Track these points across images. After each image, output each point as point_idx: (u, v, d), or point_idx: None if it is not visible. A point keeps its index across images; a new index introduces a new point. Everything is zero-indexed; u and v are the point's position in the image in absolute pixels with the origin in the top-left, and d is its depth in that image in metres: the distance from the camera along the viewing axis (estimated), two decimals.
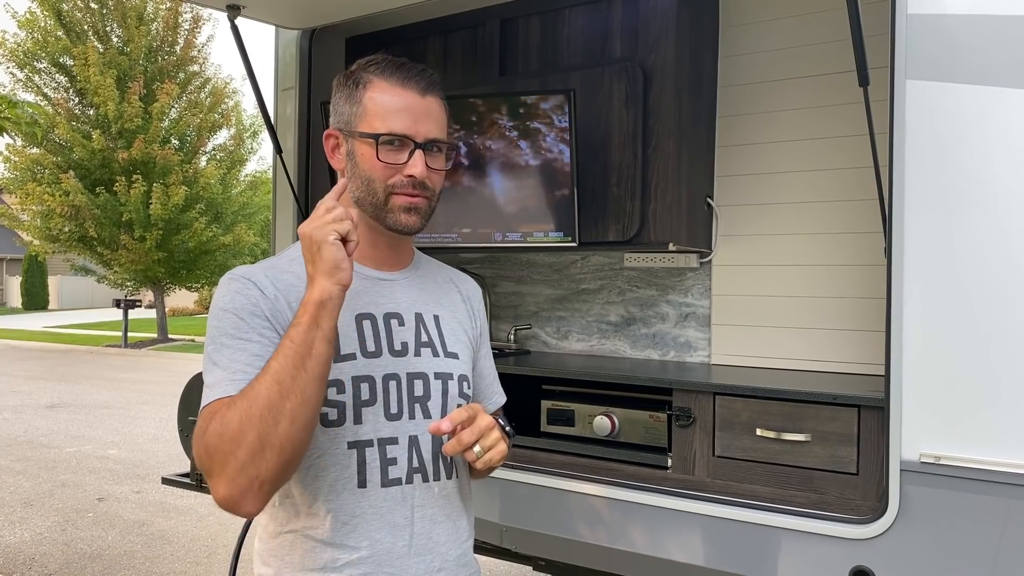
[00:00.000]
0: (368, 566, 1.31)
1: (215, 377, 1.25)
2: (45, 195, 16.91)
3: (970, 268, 1.78)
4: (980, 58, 1.80)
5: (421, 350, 1.41)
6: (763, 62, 2.79)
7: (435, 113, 1.39)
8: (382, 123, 1.35)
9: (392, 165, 1.35)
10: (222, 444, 1.17)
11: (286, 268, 1.37)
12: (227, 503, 1.19)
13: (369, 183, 1.37)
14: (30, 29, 17.86)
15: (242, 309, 1.29)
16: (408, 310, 1.43)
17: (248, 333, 1.27)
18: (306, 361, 1.19)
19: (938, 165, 1.82)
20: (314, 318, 1.21)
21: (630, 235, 2.77)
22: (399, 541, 1.34)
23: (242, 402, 1.18)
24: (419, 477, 1.37)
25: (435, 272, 1.56)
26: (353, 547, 1.31)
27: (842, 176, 2.64)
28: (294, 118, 3.26)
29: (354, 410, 1.32)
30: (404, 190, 1.36)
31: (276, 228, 3.31)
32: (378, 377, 1.35)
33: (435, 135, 1.38)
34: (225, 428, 1.17)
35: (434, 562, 1.37)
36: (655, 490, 2.25)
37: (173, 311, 27.31)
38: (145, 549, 5.09)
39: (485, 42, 3.17)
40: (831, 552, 1.96)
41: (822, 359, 2.66)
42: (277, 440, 1.17)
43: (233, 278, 1.33)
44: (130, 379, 13.21)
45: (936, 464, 1.80)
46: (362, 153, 1.37)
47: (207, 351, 1.29)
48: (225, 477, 1.18)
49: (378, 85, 1.37)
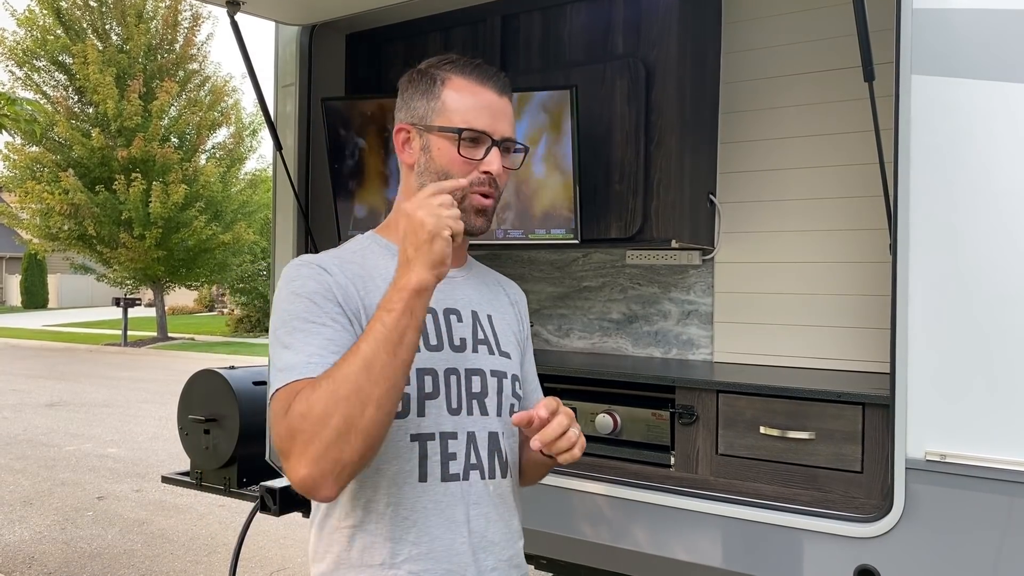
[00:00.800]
0: (427, 562, 1.31)
1: (289, 360, 1.24)
2: (44, 193, 16.91)
3: (975, 265, 1.77)
4: (986, 53, 1.79)
5: (478, 347, 1.42)
6: (766, 58, 2.78)
7: (509, 113, 1.43)
8: (462, 119, 1.36)
9: (470, 160, 1.37)
10: (306, 425, 1.16)
11: (350, 259, 1.38)
12: (306, 485, 1.18)
13: (444, 178, 1.37)
14: (29, 27, 17.86)
15: (315, 293, 1.29)
16: (465, 307, 1.44)
17: (321, 317, 1.27)
18: (397, 348, 1.18)
19: (943, 161, 1.81)
20: (408, 305, 1.19)
21: (632, 232, 2.75)
22: (457, 538, 1.34)
23: (328, 384, 1.17)
24: (476, 474, 1.37)
25: (485, 274, 1.58)
26: (413, 542, 1.31)
27: (846, 172, 2.62)
28: (294, 115, 3.24)
29: (418, 402, 1.32)
30: (480, 188, 1.37)
31: (276, 226, 3.30)
32: (440, 371, 1.35)
33: (510, 134, 1.41)
34: (310, 409, 1.16)
35: (487, 560, 1.37)
36: (658, 488, 2.24)
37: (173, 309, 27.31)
38: (145, 548, 5.08)
39: (486, 38, 3.15)
40: (835, 551, 1.95)
41: (826, 356, 2.65)
42: (363, 424, 1.16)
43: (303, 263, 1.33)
44: (130, 378, 13.21)
45: (941, 462, 1.79)
46: (439, 147, 1.38)
47: (277, 334, 1.29)
48: (307, 458, 1.16)
49: (457, 82, 1.39)
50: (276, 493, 3.27)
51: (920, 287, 1.82)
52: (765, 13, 2.79)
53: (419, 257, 1.20)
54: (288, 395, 1.20)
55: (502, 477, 1.41)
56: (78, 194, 16.76)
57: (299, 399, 1.18)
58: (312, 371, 1.21)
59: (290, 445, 1.17)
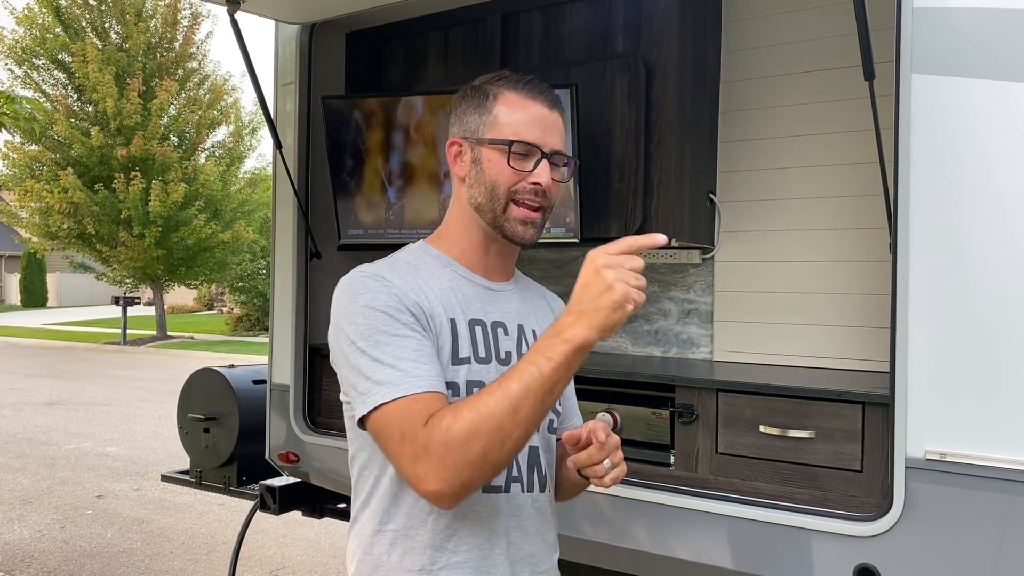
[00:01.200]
0: (465, 571, 1.33)
1: (384, 375, 1.26)
2: (44, 192, 16.90)
3: (975, 264, 1.77)
4: (986, 52, 1.79)
5: None
6: (766, 57, 2.78)
7: (560, 128, 1.45)
8: (513, 132, 1.39)
9: (519, 171, 1.39)
10: (442, 451, 1.19)
11: (404, 270, 1.39)
12: (431, 496, 1.22)
13: (493, 189, 1.39)
14: (28, 25, 17.84)
15: (389, 306, 1.30)
16: (512, 321, 1.46)
17: (402, 329, 1.29)
18: (546, 397, 1.20)
19: (944, 160, 1.81)
20: (568, 360, 1.19)
21: (632, 231, 2.75)
22: (496, 549, 1.36)
23: (469, 414, 1.19)
24: (517, 487, 1.39)
25: (531, 288, 1.60)
26: (452, 550, 1.33)
27: (846, 171, 2.62)
28: (294, 114, 3.24)
29: None
30: (526, 198, 1.39)
31: (276, 225, 3.30)
32: (487, 383, 1.34)
33: (559, 147, 1.43)
34: (449, 437, 1.19)
35: (523, 573, 1.39)
36: (658, 487, 2.24)
37: (172, 308, 27.31)
38: (144, 546, 5.09)
39: (486, 37, 3.15)
40: (835, 549, 1.95)
41: (826, 355, 2.65)
42: (498, 459, 1.21)
43: (368, 276, 1.35)
44: (129, 376, 13.20)
45: (941, 461, 1.79)
46: (489, 159, 1.40)
47: (359, 346, 1.29)
48: (439, 476, 1.20)
49: (508, 97, 1.42)
50: (276, 492, 3.27)
51: (920, 286, 1.83)
52: (765, 12, 2.79)
53: (594, 317, 1.18)
54: (406, 411, 1.23)
55: (540, 491, 1.44)
56: (77, 193, 16.75)
57: (438, 425, 1.20)
58: (416, 386, 1.24)
59: (425, 459, 1.20)
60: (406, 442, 1.22)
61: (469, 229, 1.45)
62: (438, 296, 1.37)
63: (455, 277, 1.43)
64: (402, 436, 1.23)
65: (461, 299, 1.40)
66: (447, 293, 1.39)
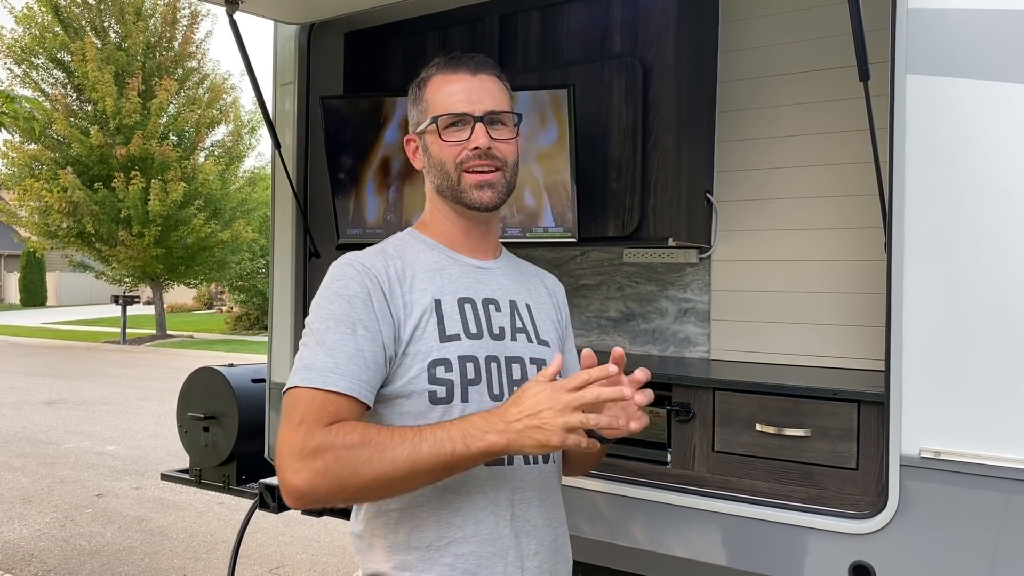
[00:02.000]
0: (473, 545, 1.35)
1: (317, 361, 1.29)
2: (43, 191, 16.89)
3: (970, 263, 1.78)
4: (981, 53, 1.79)
5: (517, 335, 1.46)
6: (763, 57, 2.79)
7: (490, 88, 1.46)
8: (442, 108, 1.44)
9: (457, 142, 1.42)
10: (330, 465, 1.22)
11: (393, 254, 1.44)
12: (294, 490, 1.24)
13: (442, 167, 1.44)
14: (28, 24, 17.82)
15: (355, 297, 1.34)
16: (503, 297, 1.48)
17: (356, 326, 1.32)
18: (446, 473, 1.26)
19: (938, 160, 1.82)
20: (483, 456, 1.25)
21: (629, 230, 2.76)
22: (501, 521, 1.37)
23: (373, 450, 1.23)
24: (520, 459, 1.40)
25: (522, 265, 1.63)
26: (459, 525, 1.35)
27: (842, 171, 2.63)
28: (293, 114, 3.25)
29: (461, 388, 1.36)
30: (474, 164, 1.42)
31: (275, 224, 3.31)
32: (481, 358, 1.39)
33: (492, 107, 1.44)
34: (341, 459, 1.22)
35: (530, 545, 1.40)
36: (655, 485, 2.25)
37: (172, 307, 27.30)
38: (144, 545, 5.10)
39: (484, 37, 3.16)
40: (831, 547, 1.96)
41: (822, 354, 2.66)
42: (367, 496, 1.31)
43: (349, 263, 1.38)
44: (129, 375, 13.21)
45: (936, 459, 1.80)
46: (431, 143, 1.46)
47: (312, 327, 1.34)
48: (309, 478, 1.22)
49: (433, 80, 1.47)
50: (275, 490, 3.28)
51: (915, 285, 1.83)
52: (762, 12, 2.80)
53: (520, 439, 1.22)
54: (318, 405, 1.26)
55: (544, 462, 1.45)
56: (77, 192, 16.74)
57: (345, 437, 1.23)
58: (334, 383, 1.27)
59: (309, 459, 1.22)
60: (300, 432, 1.24)
61: (443, 214, 1.49)
62: (424, 278, 1.41)
63: (442, 258, 1.46)
64: (301, 423, 1.25)
65: (449, 279, 1.43)
66: (433, 275, 1.42)
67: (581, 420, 1.21)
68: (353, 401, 1.28)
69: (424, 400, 1.34)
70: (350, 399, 1.28)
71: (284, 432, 1.26)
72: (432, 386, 1.34)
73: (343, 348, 1.30)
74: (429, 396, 1.34)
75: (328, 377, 1.27)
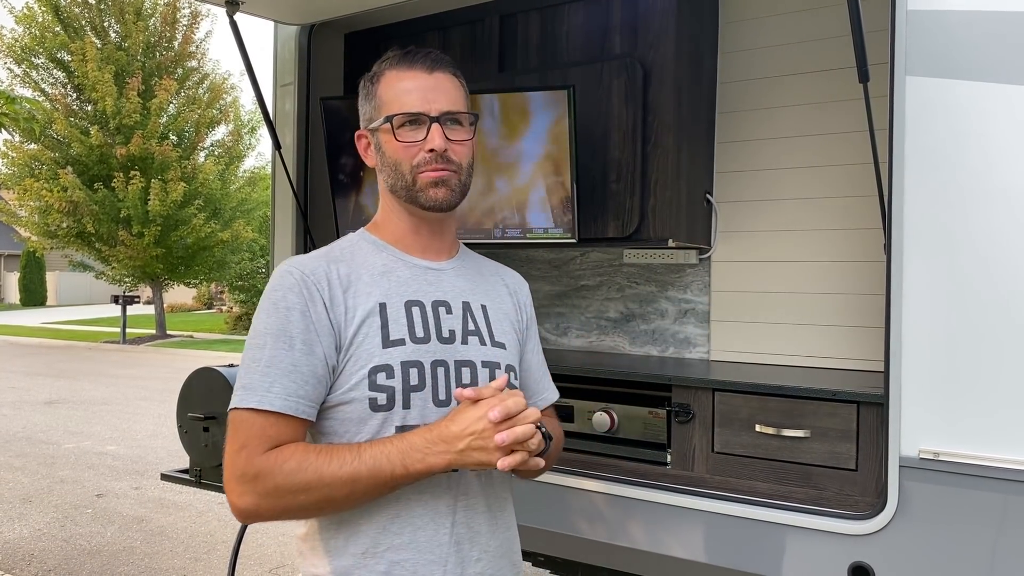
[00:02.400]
0: (409, 552, 1.33)
1: (253, 381, 1.29)
2: (43, 191, 16.88)
3: (969, 264, 1.79)
4: (980, 54, 1.80)
5: (468, 338, 1.43)
6: (762, 58, 2.79)
7: (446, 87, 1.43)
8: (397, 106, 1.39)
9: (412, 144, 1.39)
10: (271, 488, 1.25)
11: (339, 256, 1.41)
12: (240, 511, 1.28)
13: (396, 167, 1.41)
14: (28, 24, 17.81)
15: (292, 309, 1.31)
16: (455, 298, 1.45)
17: (293, 340, 1.30)
18: (386, 490, 1.29)
19: (938, 161, 1.82)
20: (420, 476, 1.28)
21: (629, 231, 2.76)
22: (441, 528, 1.36)
23: (311, 472, 1.25)
24: None
25: (480, 264, 1.59)
26: (396, 532, 1.33)
27: (841, 172, 2.64)
28: (293, 114, 3.25)
29: (403, 395, 1.33)
30: (428, 166, 1.38)
31: (275, 224, 3.31)
32: (427, 363, 1.36)
33: (449, 107, 1.41)
34: (281, 482, 1.25)
35: (473, 551, 1.38)
36: (654, 486, 2.25)
37: (171, 307, 27.30)
38: (144, 545, 5.10)
39: (484, 38, 3.16)
40: (830, 548, 1.96)
41: (821, 355, 2.67)
42: (317, 513, 1.33)
43: (288, 272, 1.35)
44: (128, 375, 13.21)
45: (935, 460, 1.80)
46: (385, 142, 1.42)
47: (250, 342, 1.33)
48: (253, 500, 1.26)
49: (388, 75, 1.43)
50: None
51: (914, 286, 1.84)
52: (762, 13, 2.80)
53: (463, 459, 1.26)
54: (258, 429, 1.27)
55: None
56: (77, 192, 16.73)
57: (284, 463, 1.25)
58: (269, 403, 1.27)
59: (251, 483, 1.26)
60: (242, 456, 1.26)
61: (395, 213, 1.46)
62: (370, 281, 1.38)
63: (391, 260, 1.43)
64: (242, 448, 1.27)
65: (397, 281, 1.40)
66: (380, 278, 1.39)
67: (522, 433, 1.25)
68: (292, 420, 1.28)
69: (364, 407, 1.32)
70: (289, 417, 1.28)
71: (228, 455, 1.28)
72: (372, 393, 1.31)
73: (279, 364, 1.28)
74: (369, 403, 1.31)
75: (263, 397, 1.27)
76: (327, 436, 1.35)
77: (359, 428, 1.33)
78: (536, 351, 1.65)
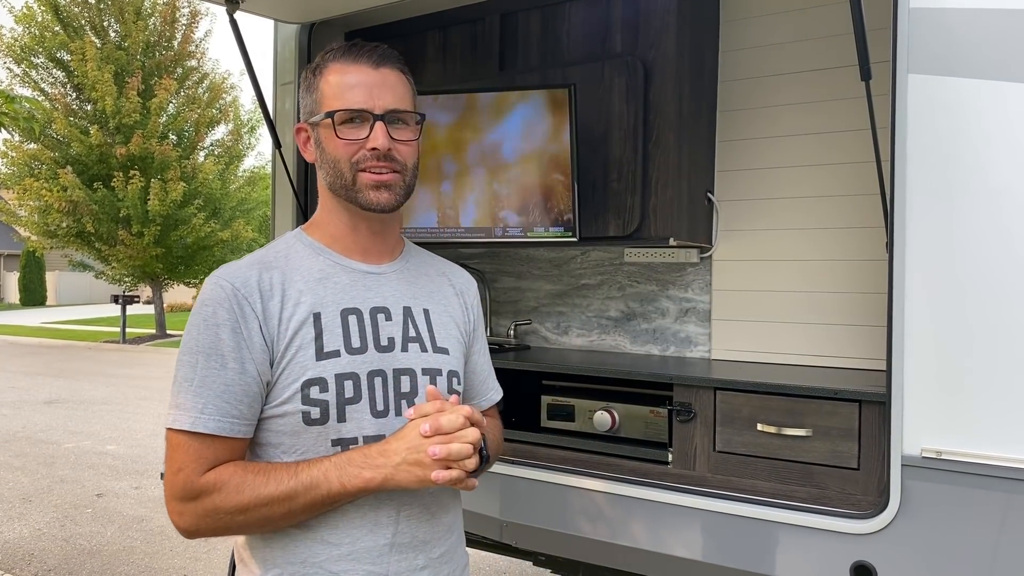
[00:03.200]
0: (347, 563, 1.31)
1: (187, 399, 1.26)
2: (43, 190, 16.87)
3: (971, 263, 1.78)
4: (982, 53, 1.79)
5: (408, 345, 1.39)
6: (764, 57, 2.79)
7: (392, 84, 1.37)
8: (339, 102, 1.34)
9: (353, 141, 1.34)
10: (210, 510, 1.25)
11: (273, 262, 1.36)
12: (181, 530, 1.28)
13: (336, 165, 1.36)
14: (27, 24, 17.80)
15: (223, 326, 1.27)
16: (396, 304, 1.40)
17: (224, 358, 1.27)
18: (325, 507, 1.28)
19: (940, 160, 1.82)
20: (359, 492, 1.26)
21: (630, 230, 2.76)
22: (380, 539, 1.33)
23: (248, 493, 1.24)
24: None
25: (427, 265, 1.53)
26: (335, 543, 1.31)
27: (843, 171, 2.63)
28: (293, 113, 3.25)
29: (337, 408, 1.30)
30: (370, 165, 1.34)
31: (275, 224, 3.31)
32: (363, 374, 1.33)
33: (394, 105, 1.36)
34: (219, 503, 1.24)
35: (417, 560, 1.36)
36: (656, 485, 2.25)
37: (171, 307, 27.29)
38: (144, 545, 5.09)
39: (485, 37, 3.16)
40: (832, 547, 1.96)
41: (823, 354, 2.66)
42: (258, 531, 1.31)
43: (218, 284, 1.30)
44: (128, 375, 13.21)
45: (937, 459, 1.80)
46: (326, 138, 1.37)
47: (180, 360, 1.29)
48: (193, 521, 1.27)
49: (332, 68, 1.37)
50: None
51: (917, 285, 1.83)
52: (763, 11, 2.80)
53: (399, 474, 1.24)
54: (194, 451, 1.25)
55: None
56: (76, 191, 16.72)
57: (220, 486, 1.24)
58: (203, 425, 1.25)
59: (191, 504, 1.25)
60: (180, 479, 1.25)
61: (334, 212, 1.41)
62: (305, 289, 1.33)
63: (328, 265, 1.38)
64: (179, 471, 1.25)
65: (334, 288, 1.35)
66: (315, 285, 1.34)
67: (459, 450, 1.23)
68: (227, 440, 1.26)
69: (298, 420, 1.29)
70: (224, 439, 1.26)
71: (167, 475, 1.27)
72: (305, 407, 1.28)
73: (211, 385, 1.26)
74: (303, 417, 1.28)
75: (196, 418, 1.25)
76: (263, 447, 1.33)
77: (293, 441, 1.30)
78: (483, 351, 1.61)
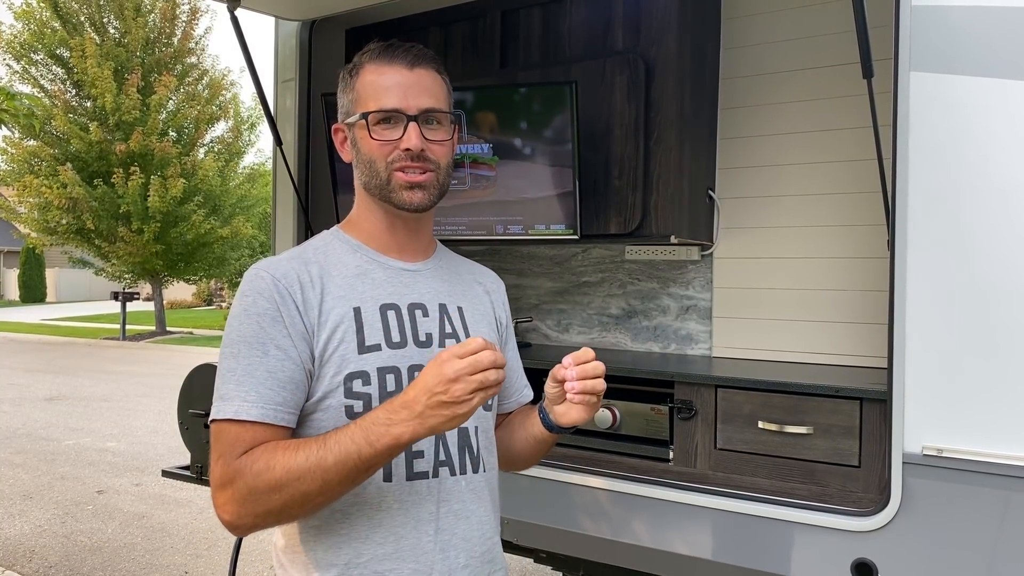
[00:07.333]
0: (392, 562, 1.30)
1: (229, 389, 1.26)
2: (43, 187, 16.86)
3: (972, 260, 1.78)
4: (984, 50, 1.79)
5: (446, 340, 1.40)
6: (765, 54, 2.78)
7: (427, 84, 1.37)
8: (374, 102, 1.35)
9: (387, 142, 1.35)
10: (245, 492, 1.21)
11: (312, 257, 1.37)
12: (226, 523, 1.25)
13: (371, 165, 1.37)
14: (27, 20, 17.78)
15: (264, 315, 1.27)
16: (432, 301, 1.42)
17: (266, 345, 1.26)
18: (360, 475, 1.21)
19: (941, 157, 1.81)
20: (390, 450, 1.19)
21: (631, 228, 2.76)
22: (424, 536, 1.32)
23: (280, 471, 1.20)
24: (445, 471, 1.35)
25: (457, 265, 1.55)
26: (378, 542, 1.30)
27: (845, 168, 2.63)
28: (294, 110, 3.25)
29: (380, 401, 1.29)
30: (405, 165, 1.35)
31: (276, 221, 3.31)
32: (403, 368, 1.33)
33: (429, 105, 1.36)
34: (255, 484, 1.21)
35: (459, 558, 1.35)
36: (657, 483, 2.25)
37: (171, 304, 27.30)
38: (145, 542, 5.10)
39: (486, 34, 3.15)
40: (833, 544, 1.96)
41: (824, 351, 2.66)
42: (298, 513, 1.25)
43: (258, 276, 1.31)
44: (128, 372, 13.21)
45: (938, 456, 1.80)
46: (361, 138, 1.38)
47: (224, 351, 1.29)
48: (233, 509, 1.23)
49: (368, 69, 1.37)
50: None
51: (918, 283, 1.83)
52: (764, 9, 2.79)
53: (428, 419, 1.17)
54: (233, 436, 1.24)
55: (473, 472, 1.39)
56: (76, 188, 16.71)
57: (253, 464, 1.21)
58: (247, 413, 1.24)
59: (229, 489, 1.23)
60: (220, 465, 1.23)
61: (371, 211, 1.42)
62: (344, 284, 1.34)
63: (366, 262, 1.39)
64: (220, 457, 1.24)
65: (371, 284, 1.36)
66: (354, 280, 1.35)
67: (481, 380, 1.15)
68: (270, 427, 1.25)
69: (340, 414, 1.28)
70: (267, 426, 1.24)
71: (212, 467, 1.25)
72: (348, 400, 1.28)
73: (254, 373, 1.25)
74: (346, 410, 1.28)
75: (240, 406, 1.24)
76: None
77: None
78: (513, 350, 1.63)
